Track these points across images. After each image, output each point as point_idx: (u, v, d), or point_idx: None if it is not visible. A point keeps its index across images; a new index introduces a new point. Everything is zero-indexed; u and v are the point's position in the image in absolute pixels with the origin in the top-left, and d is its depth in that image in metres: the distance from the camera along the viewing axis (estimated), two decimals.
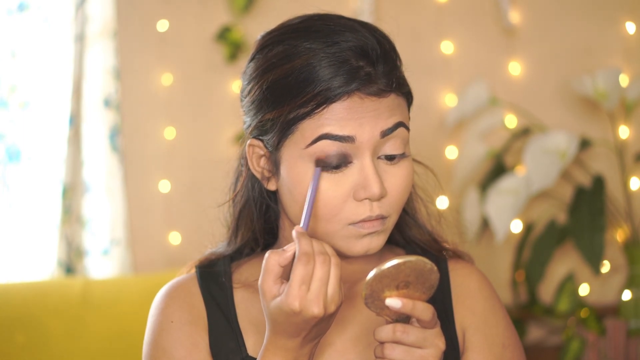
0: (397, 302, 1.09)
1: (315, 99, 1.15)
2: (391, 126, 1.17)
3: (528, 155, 2.31)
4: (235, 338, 1.25)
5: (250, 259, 1.32)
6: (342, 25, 1.19)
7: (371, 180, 1.16)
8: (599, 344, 2.32)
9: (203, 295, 1.28)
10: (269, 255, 1.11)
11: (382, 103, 1.16)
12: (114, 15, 2.38)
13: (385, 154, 1.18)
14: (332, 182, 1.16)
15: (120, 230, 2.38)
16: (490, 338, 1.26)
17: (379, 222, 1.18)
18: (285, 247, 1.11)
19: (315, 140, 1.15)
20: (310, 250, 1.09)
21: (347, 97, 1.15)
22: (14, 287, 2.17)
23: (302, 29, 1.19)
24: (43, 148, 2.32)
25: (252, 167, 1.24)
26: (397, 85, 1.18)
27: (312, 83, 1.15)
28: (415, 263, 1.08)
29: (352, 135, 1.15)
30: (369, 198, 1.16)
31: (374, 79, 1.16)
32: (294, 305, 1.07)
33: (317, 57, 1.16)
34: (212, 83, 2.49)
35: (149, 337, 1.26)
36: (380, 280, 1.08)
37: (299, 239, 1.10)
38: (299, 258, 1.08)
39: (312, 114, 1.15)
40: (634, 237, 2.39)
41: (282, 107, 1.17)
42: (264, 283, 1.11)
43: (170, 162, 2.48)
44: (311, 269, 1.08)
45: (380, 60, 1.17)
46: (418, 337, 1.10)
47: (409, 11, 2.54)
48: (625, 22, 2.54)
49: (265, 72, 1.19)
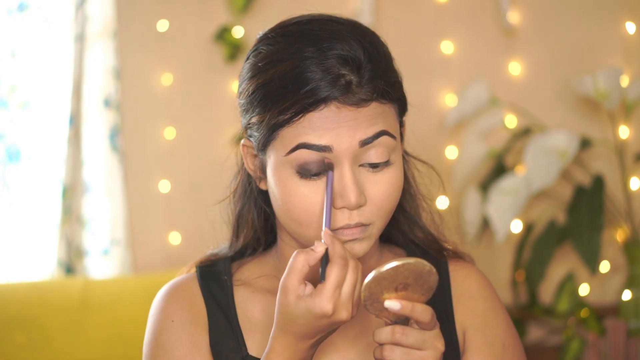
0: (395, 304, 1.09)
1: (293, 107, 1.15)
2: (371, 135, 1.16)
3: (528, 155, 2.31)
4: (235, 337, 1.25)
5: (252, 259, 1.32)
6: (330, 32, 1.18)
7: (348, 189, 1.15)
8: (599, 344, 2.32)
9: (203, 295, 1.28)
10: (297, 254, 1.11)
11: (361, 113, 1.15)
12: (114, 15, 2.38)
13: (368, 162, 1.17)
14: (312, 188, 1.16)
15: (120, 230, 2.38)
16: (490, 338, 1.26)
17: (359, 230, 1.18)
18: (313, 247, 1.11)
19: (294, 148, 1.16)
20: (345, 254, 1.10)
21: (325, 106, 1.15)
22: (14, 287, 2.17)
23: (291, 33, 1.20)
24: (43, 148, 2.32)
25: (247, 165, 1.25)
26: (383, 93, 1.17)
27: (292, 91, 1.15)
28: (414, 265, 1.08)
29: (329, 145, 1.15)
30: (346, 207, 1.16)
31: (354, 89, 1.15)
32: (327, 308, 1.08)
33: (302, 64, 1.15)
34: (212, 83, 2.48)
35: (149, 337, 1.26)
36: (378, 283, 1.08)
37: (333, 242, 1.11)
38: (335, 261, 1.09)
39: (290, 122, 1.15)
40: (634, 237, 2.39)
41: (265, 113, 1.17)
42: (290, 281, 1.10)
43: (170, 162, 2.48)
44: (345, 273, 1.09)
45: (365, 68, 1.16)
46: (417, 339, 1.10)
47: (409, 11, 2.53)
48: (625, 22, 2.54)
49: (253, 75, 1.20)
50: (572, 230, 2.31)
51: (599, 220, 2.29)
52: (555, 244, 2.37)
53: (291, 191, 1.17)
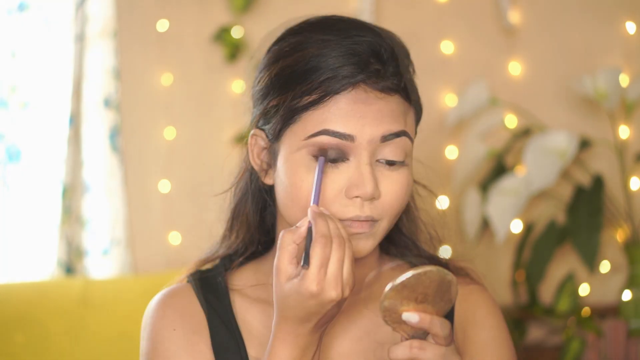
0: (414, 316, 1.06)
1: (320, 88, 1.14)
2: (394, 132, 1.16)
3: (528, 155, 2.31)
4: (237, 348, 1.23)
5: (246, 265, 1.30)
6: (360, 25, 1.19)
7: (365, 179, 1.15)
8: (599, 344, 2.32)
9: (201, 304, 1.26)
10: (284, 234, 1.10)
11: (386, 104, 1.16)
12: (114, 15, 2.38)
13: (385, 159, 1.17)
14: (327, 175, 1.16)
15: (120, 230, 2.38)
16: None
17: (367, 224, 1.17)
18: (298, 224, 1.11)
19: (316, 133, 1.15)
20: (327, 232, 1.08)
21: (352, 88, 1.15)
22: (14, 287, 2.17)
23: (318, 24, 1.20)
24: (43, 148, 2.32)
25: (252, 158, 1.24)
26: (406, 89, 1.17)
27: (319, 71, 1.15)
28: (436, 274, 1.06)
29: (352, 134, 1.15)
30: (361, 197, 1.15)
31: (382, 75, 1.16)
32: (312, 288, 1.07)
33: (329, 47, 1.16)
34: (212, 83, 2.48)
35: (148, 347, 1.24)
36: (399, 292, 1.06)
37: (315, 219, 1.09)
38: (316, 240, 1.08)
39: (316, 105, 1.15)
40: (634, 237, 2.39)
41: (287, 94, 1.16)
42: (279, 262, 1.09)
43: (170, 162, 2.48)
44: (329, 251, 1.08)
45: (391, 61, 1.17)
46: (435, 354, 1.07)
47: (409, 11, 2.53)
48: (625, 22, 2.54)
49: (276, 60, 1.19)
50: (572, 230, 2.31)
51: (598, 220, 2.29)
52: (556, 244, 2.37)
53: (303, 177, 1.16)
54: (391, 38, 1.20)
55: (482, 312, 1.27)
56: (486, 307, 1.27)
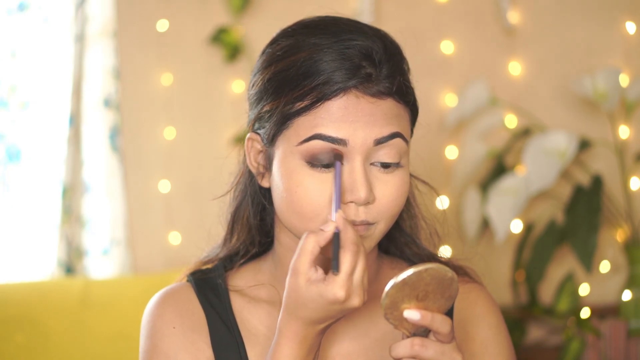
0: (415, 313, 1.06)
1: (312, 94, 1.14)
2: (386, 135, 1.15)
3: (528, 155, 2.31)
4: (237, 348, 1.23)
5: (246, 266, 1.30)
6: (353, 27, 1.18)
7: (358, 184, 1.14)
8: (599, 344, 2.32)
9: (201, 303, 1.26)
10: (308, 236, 1.09)
11: (378, 108, 1.15)
12: (114, 15, 2.38)
13: (379, 161, 1.16)
14: (319, 180, 1.15)
15: (120, 230, 2.38)
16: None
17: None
18: (323, 227, 1.10)
19: (308, 139, 1.14)
20: (357, 239, 1.08)
21: (344, 94, 1.14)
22: (14, 287, 2.17)
23: (312, 26, 1.19)
24: (43, 148, 2.32)
25: (249, 161, 1.24)
26: (398, 91, 1.17)
27: (312, 76, 1.14)
28: (437, 271, 1.06)
29: (344, 138, 1.14)
30: (355, 202, 1.15)
31: (374, 80, 1.15)
32: (340, 294, 1.06)
33: (322, 52, 1.15)
34: (212, 83, 2.49)
35: (147, 345, 1.24)
36: (400, 289, 1.06)
37: (345, 226, 1.09)
38: (347, 247, 1.08)
39: (308, 110, 1.14)
40: (634, 237, 2.39)
41: (280, 99, 1.16)
42: (301, 264, 1.08)
43: (170, 162, 2.48)
44: (357, 259, 1.08)
45: (384, 64, 1.16)
46: (437, 351, 1.07)
47: (409, 11, 2.53)
48: (625, 22, 2.54)
49: (269, 64, 1.19)
50: (570, 229, 2.31)
51: (595, 219, 2.29)
52: (555, 244, 2.37)
53: (298, 182, 1.15)
54: (384, 39, 1.19)
55: (482, 310, 1.27)
56: (485, 305, 1.28)
